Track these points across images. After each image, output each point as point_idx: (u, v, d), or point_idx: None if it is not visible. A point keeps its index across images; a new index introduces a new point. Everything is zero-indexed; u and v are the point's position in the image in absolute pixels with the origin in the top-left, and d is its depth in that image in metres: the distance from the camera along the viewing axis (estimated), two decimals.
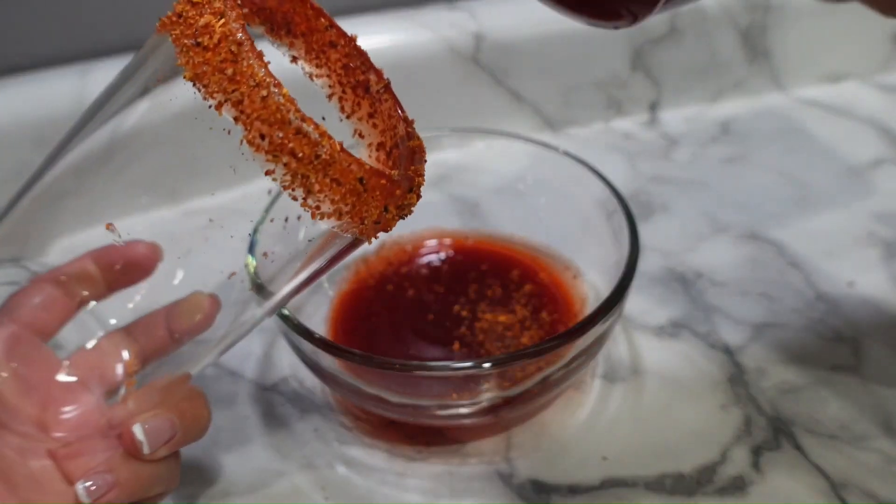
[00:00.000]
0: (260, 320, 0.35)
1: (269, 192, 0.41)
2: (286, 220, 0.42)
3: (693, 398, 0.44)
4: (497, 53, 0.60)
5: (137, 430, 0.32)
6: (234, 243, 0.37)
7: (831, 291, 0.50)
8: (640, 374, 0.45)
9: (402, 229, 0.50)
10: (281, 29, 0.33)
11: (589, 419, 0.43)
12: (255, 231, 0.42)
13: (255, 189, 0.44)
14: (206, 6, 0.27)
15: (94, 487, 0.31)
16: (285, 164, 0.26)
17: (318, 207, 0.28)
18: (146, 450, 0.32)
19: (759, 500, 0.39)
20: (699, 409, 0.43)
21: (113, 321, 0.34)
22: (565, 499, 0.40)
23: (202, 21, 0.26)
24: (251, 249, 0.41)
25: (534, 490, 0.40)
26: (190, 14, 0.27)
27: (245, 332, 0.34)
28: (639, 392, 0.44)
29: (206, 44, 0.26)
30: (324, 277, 0.47)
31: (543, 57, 0.61)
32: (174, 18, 0.27)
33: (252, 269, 0.40)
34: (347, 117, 0.34)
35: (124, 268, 0.34)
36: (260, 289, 0.38)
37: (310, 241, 0.33)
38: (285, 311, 0.39)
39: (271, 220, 0.42)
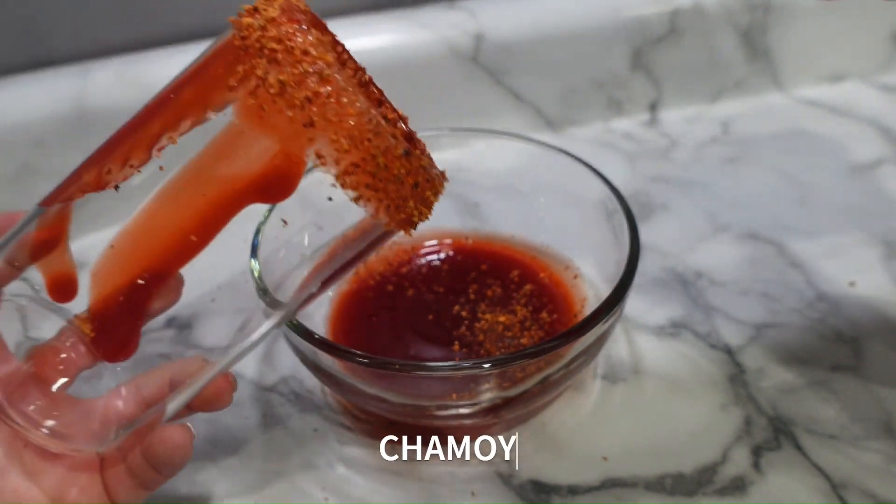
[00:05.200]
0: (271, 330, 0.34)
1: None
2: (284, 222, 0.42)
3: (693, 398, 0.44)
4: (497, 53, 0.60)
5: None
6: (237, 243, 0.37)
7: (831, 291, 0.50)
8: (641, 374, 0.45)
9: None
10: None
11: (589, 419, 0.43)
12: (258, 233, 0.42)
13: None
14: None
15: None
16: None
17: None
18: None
19: (760, 500, 0.39)
20: (699, 409, 0.43)
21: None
22: (565, 499, 0.40)
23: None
24: (254, 253, 0.41)
25: (534, 490, 0.40)
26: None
27: (253, 346, 0.34)
28: (639, 392, 0.44)
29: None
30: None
31: (543, 57, 0.61)
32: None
33: (256, 274, 0.39)
34: None
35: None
36: (265, 293, 0.38)
37: (315, 251, 0.33)
38: None
39: (284, 223, 0.42)
